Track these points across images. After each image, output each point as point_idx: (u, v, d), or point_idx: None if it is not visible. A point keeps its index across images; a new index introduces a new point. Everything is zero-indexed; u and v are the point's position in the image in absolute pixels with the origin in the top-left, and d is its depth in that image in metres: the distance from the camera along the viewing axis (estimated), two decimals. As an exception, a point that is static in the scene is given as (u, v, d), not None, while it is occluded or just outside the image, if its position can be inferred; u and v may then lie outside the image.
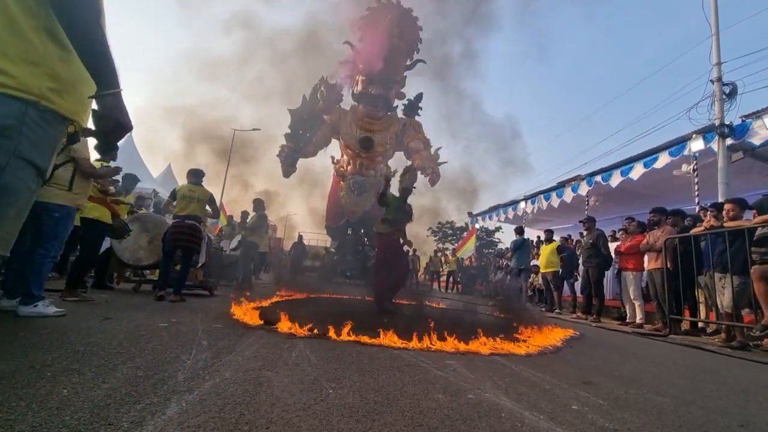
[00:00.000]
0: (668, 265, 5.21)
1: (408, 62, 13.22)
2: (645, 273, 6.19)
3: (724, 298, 4.48)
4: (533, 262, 11.28)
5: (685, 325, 5.40)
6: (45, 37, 0.98)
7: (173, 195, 4.71)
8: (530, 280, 11.02)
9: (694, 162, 8.05)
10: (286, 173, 11.94)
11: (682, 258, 5.02)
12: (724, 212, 4.76)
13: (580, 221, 8.06)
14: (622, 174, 9.46)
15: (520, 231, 10.16)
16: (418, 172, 11.89)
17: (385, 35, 11.74)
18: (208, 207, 4.77)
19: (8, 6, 0.93)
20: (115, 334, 2.29)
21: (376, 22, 12.27)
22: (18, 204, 1.02)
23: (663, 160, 8.47)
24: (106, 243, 4.95)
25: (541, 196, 12.94)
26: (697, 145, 7.81)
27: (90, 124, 1.13)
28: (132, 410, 1.24)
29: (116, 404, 1.28)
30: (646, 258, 5.96)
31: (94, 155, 3.78)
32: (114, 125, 1.08)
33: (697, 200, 7.87)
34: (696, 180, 7.96)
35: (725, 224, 4.60)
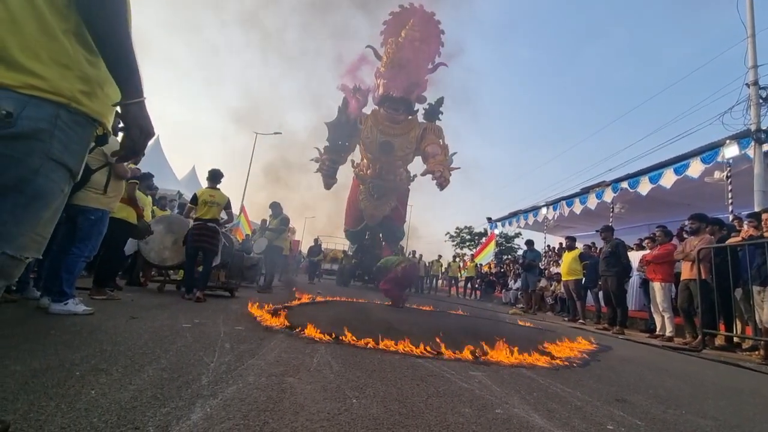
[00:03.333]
0: (703, 276, 4.97)
1: (430, 66, 13.16)
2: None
3: (764, 313, 4.24)
4: (554, 270, 11.05)
5: (719, 340, 5.14)
6: (74, 40, 0.99)
7: (194, 200, 4.86)
8: (552, 287, 10.79)
9: (728, 169, 7.70)
10: (328, 185, 12.12)
11: (718, 269, 4.78)
12: (763, 222, 4.52)
13: (597, 231, 7.84)
14: (651, 181, 9.14)
15: (531, 245, 10.21)
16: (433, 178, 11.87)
17: (407, 41, 11.72)
18: (224, 211, 4.93)
19: (41, 10, 0.94)
20: (140, 334, 2.33)
21: (397, 28, 12.28)
22: (52, 206, 1.02)
23: (695, 166, 8.15)
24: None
25: (564, 202, 12.65)
26: (731, 151, 7.49)
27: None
28: (158, 414, 1.24)
29: (142, 407, 1.28)
30: (682, 267, 5.69)
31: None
32: (139, 133, 1.08)
33: (730, 209, 7.52)
34: (729, 188, 7.61)
35: (766, 234, 4.36)
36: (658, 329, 6.12)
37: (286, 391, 1.58)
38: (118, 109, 1.08)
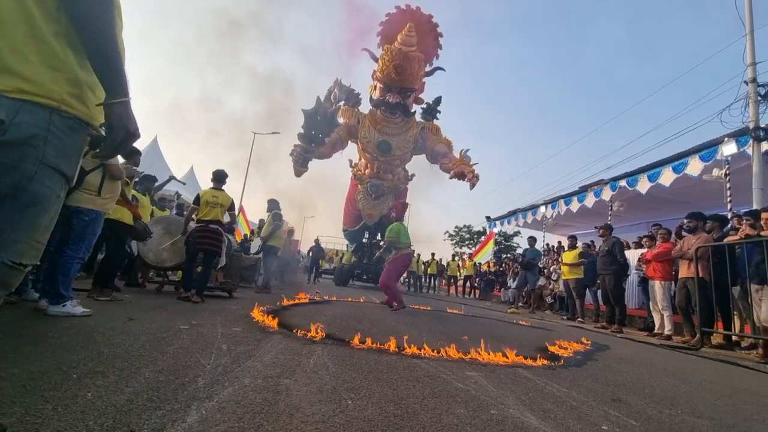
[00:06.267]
0: (701, 274, 4.98)
1: (427, 68, 13.12)
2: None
3: (762, 312, 4.24)
4: (553, 268, 11.05)
5: (717, 339, 5.15)
6: (65, 42, 0.99)
7: (197, 200, 4.82)
8: (551, 286, 10.79)
9: (726, 167, 7.71)
10: (298, 173, 12.00)
11: (716, 267, 4.79)
12: (762, 221, 4.52)
13: (595, 227, 7.85)
14: (650, 179, 9.15)
15: (532, 242, 10.12)
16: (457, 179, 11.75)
17: (403, 47, 11.62)
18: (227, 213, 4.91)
19: (31, 13, 0.94)
20: (138, 336, 2.33)
21: (394, 31, 12.20)
22: (49, 212, 1.03)
23: (693, 164, 8.15)
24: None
25: (562, 200, 12.66)
26: (729, 148, 7.48)
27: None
28: (153, 417, 1.24)
29: (138, 410, 1.28)
30: (680, 266, 5.70)
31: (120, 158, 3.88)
32: (123, 133, 1.06)
33: (729, 207, 7.53)
34: (728, 185, 7.62)
35: (762, 233, 4.36)
36: (656, 328, 6.14)
37: (281, 392, 1.58)
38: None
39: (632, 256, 7.82)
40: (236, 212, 5.29)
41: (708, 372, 3.32)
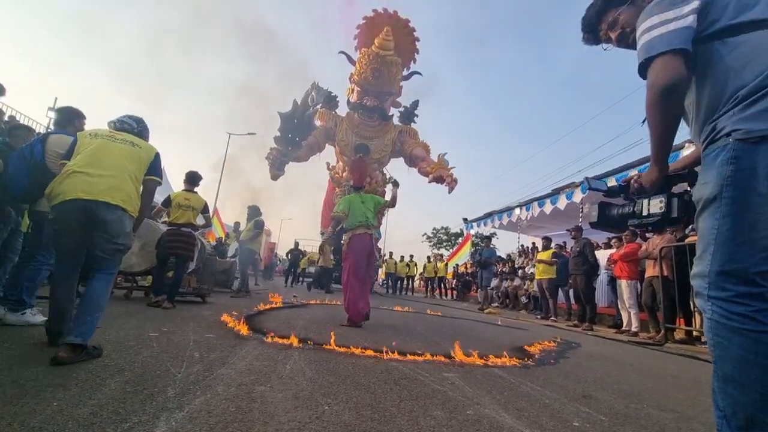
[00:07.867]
0: (665, 273, 5.22)
1: (405, 72, 13.21)
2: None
3: (719, 308, 4.48)
4: (528, 269, 11.32)
5: (679, 334, 5.40)
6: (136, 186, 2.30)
7: (167, 202, 4.65)
8: (525, 286, 11.04)
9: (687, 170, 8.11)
10: (274, 176, 11.81)
11: (678, 267, 5.03)
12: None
13: (567, 230, 8.10)
14: (618, 181, 9.50)
15: (488, 242, 10.30)
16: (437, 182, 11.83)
17: (380, 51, 11.65)
18: (201, 215, 4.77)
19: (132, 174, 2.27)
20: (103, 345, 2.22)
21: (371, 34, 12.21)
22: None
23: (657, 168, 8.53)
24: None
25: (536, 203, 12.99)
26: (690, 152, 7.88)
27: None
28: (119, 429, 1.19)
29: (102, 423, 1.23)
30: (646, 265, 5.94)
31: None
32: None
33: (690, 208, 7.92)
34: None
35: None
36: (624, 325, 6.39)
37: (256, 400, 1.55)
38: None
39: (602, 256, 8.11)
40: (210, 214, 5.15)
41: (671, 366, 3.48)
